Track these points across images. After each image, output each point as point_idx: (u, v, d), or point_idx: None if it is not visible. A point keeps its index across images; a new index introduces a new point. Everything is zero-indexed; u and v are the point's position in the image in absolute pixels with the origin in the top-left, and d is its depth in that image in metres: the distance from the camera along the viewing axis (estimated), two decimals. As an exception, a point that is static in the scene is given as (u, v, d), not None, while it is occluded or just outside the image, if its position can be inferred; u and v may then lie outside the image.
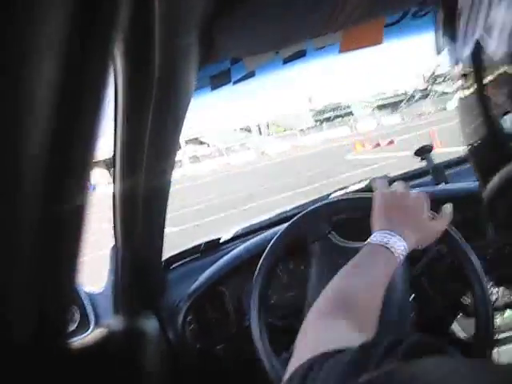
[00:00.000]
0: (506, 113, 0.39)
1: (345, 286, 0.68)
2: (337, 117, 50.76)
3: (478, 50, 0.39)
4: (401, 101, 50.59)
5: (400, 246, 0.73)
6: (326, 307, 0.64)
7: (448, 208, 0.86)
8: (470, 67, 0.41)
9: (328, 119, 50.42)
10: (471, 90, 0.41)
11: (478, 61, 0.39)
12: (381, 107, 50.76)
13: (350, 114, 50.68)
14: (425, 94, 49.60)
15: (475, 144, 0.44)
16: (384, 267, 0.70)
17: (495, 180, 0.43)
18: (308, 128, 47.96)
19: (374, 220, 0.82)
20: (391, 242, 0.73)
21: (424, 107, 44.59)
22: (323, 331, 0.59)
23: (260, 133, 47.56)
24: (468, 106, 0.43)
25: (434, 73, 48.97)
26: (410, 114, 43.69)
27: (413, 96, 50.65)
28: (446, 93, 47.54)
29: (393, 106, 50.39)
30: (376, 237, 0.75)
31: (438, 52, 0.51)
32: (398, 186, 0.85)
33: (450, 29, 0.43)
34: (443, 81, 49.04)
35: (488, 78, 0.39)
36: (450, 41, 0.44)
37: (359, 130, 40.19)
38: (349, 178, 8.91)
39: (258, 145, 38.76)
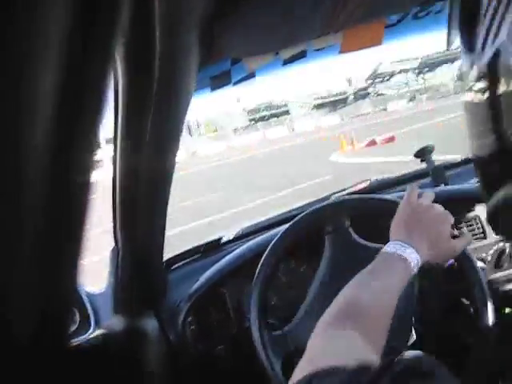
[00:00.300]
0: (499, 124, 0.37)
1: (357, 295, 0.67)
2: (272, 116, 49.86)
3: (496, 59, 0.36)
4: (339, 100, 50.08)
5: (414, 259, 0.73)
6: (336, 316, 0.64)
7: (467, 231, 0.86)
8: (484, 75, 0.38)
9: (263, 118, 49.41)
10: (481, 97, 0.39)
11: (494, 70, 0.37)
12: (318, 107, 50.17)
13: (287, 113, 49.86)
14: (364, 94, 49.19)
15: (482, 158, 0.43)
16: (398, 277, 0.70)
17: (500, 195, 0.41)
18: (242, 128, 47.05)
19: (392, 228, 0.82)
20: (406, 254, 0.73)
21: (363, 107, 44.39)
22: (329, 343, 0.59)
23: (190, 133, 46.14)
24: (477, 117, 0.42)
25: (375, 71, 48.45)
26: (349, 114, 43.41)
27: (353, 95, 50.26)
28: (384, 94, 47.20)
29: (331, 105, 49.82)
30: (391, 246, 0.75)
31: (449, 45, 0.49)
32: (425, 199, 0.85)
33: (468, 29, 0.41)
34: (382, 81, 48.69)
35: (502, 89, 0.37)
36: (466, 42, 0.42)
37: (297, 130, 39.82)
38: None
39: (189, 144, 36.86)
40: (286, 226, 1.08)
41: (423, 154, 1.48)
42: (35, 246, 0.30)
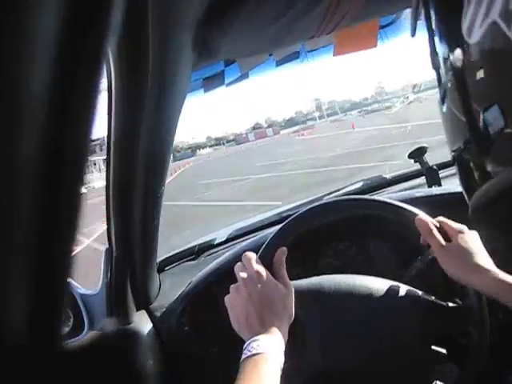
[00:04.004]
0: (488, 106, 0.35)
1: None
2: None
3: (485, 42, 0.34)
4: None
5: (275, 346, 0.70)
6: None
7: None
8: (467, 61, 0.36)
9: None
10: (455, 85, 0.38)
11: (482, 54, 0.34)
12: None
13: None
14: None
15: (460, 148, 0.41)
16: (268, 376, 0.66)
17: (484, 189, 0.40)
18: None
19: (236, 328, 0.78)
20: (267, 349, 0.69)
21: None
22: None
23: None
24: (452, 106, 0.40)
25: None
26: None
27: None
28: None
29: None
30: (248, 349, 0.71)
31: (413, 34, 0.46)
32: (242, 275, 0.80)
33: (450, 8, 0.38)
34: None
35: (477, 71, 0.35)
36: (445, 24, 0.39)
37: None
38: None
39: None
40: (279, 226, 1.08)
41: (417, 154, 1.48)
42: (27, 247, 0.30)
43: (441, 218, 0.87)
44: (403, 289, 0.92)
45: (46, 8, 0.25)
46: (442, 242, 0.84)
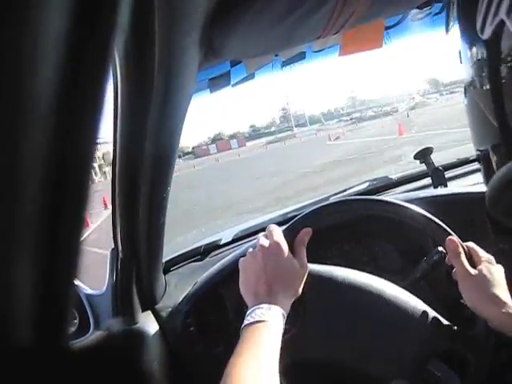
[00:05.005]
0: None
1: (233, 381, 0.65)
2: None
3: (497, 35, 0.35)
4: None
5: (278, 317, 0.72)
6: None
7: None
8: (483, 55, 0.37)
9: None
10: (480, 84, 0.39)
11: (494, 50, 0.36)
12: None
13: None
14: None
15: (486, 145, 0.42)
16: (269, 344, 0.68)
17: (496, 179, 0.41)
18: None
19: (242, 294, 0.81)
20: (270, 318, 0.71)
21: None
22: None
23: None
24: (478, 103, 0.41)
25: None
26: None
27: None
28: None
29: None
30: (251, 316, 0.72)
31: (447, 31, 0.49)
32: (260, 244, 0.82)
33: (467, 9, 0.40)
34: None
35: (504, 71, 0.36)
36: (465, 23, 0.41)
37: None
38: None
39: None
40: (285, 226, 1.07)
41: (423, 155, 1.48)
42: (33, 247, 0.30)
43: (471, 244, 0.87)
44: (410, 298, 0.92)
45: (53, 8, 0.25)
46: (469, 268, 0.83)
